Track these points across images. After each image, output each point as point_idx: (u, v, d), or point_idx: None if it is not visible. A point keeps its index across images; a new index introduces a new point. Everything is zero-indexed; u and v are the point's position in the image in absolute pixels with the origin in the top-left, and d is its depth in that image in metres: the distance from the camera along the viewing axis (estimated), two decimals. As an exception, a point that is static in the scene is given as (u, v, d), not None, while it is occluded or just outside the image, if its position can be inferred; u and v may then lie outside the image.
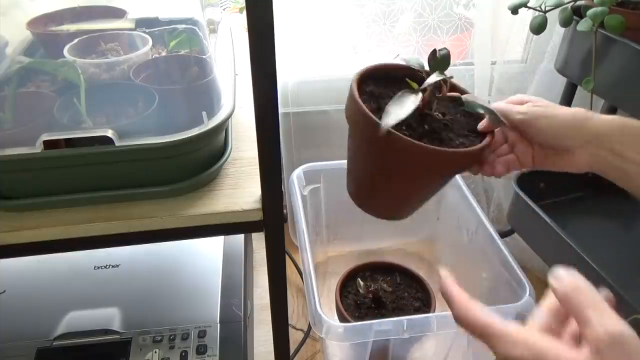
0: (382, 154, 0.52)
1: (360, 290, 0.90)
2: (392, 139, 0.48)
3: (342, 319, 0.86)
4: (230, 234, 0.90)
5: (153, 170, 0.58)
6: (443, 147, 0.51)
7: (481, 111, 0.55)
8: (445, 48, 0.56)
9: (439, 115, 0.55)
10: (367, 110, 0.50)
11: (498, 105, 0.58)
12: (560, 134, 0.55)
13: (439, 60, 0.54)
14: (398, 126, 0.49)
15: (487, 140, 0.54)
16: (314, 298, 0.78)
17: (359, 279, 0.91)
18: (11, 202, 0.57)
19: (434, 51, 0.56)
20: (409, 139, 0.49)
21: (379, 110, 0.51)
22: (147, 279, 0.86)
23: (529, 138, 0.58)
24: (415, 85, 0.52)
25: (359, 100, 0.51)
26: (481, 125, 0.56)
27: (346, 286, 0.92)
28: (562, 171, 0.58)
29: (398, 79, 0.57)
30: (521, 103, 0.58)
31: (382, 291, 0.90)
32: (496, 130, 0.57)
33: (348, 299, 0.90)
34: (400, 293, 0.91)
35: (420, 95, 0.50)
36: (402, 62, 0.57)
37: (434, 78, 0.51)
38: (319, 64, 1.22)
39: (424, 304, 0.89)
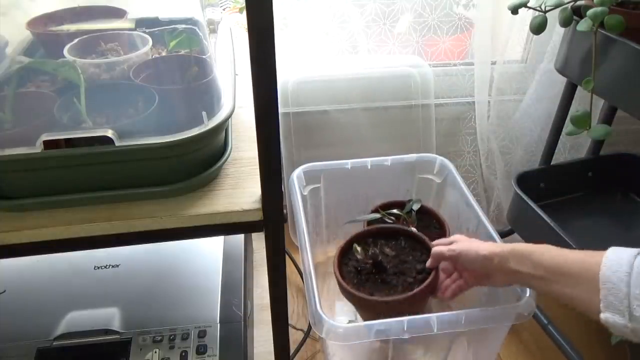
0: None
1: (358, 256, 0.86)
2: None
3: (341, 288, 0.83)
4: (230, 234, 0.90)
5: (153, 170, 0.58)
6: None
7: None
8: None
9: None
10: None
11: (436, 249, 0.81)
12: (478, 266, 0.75)
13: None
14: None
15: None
16: (314, 298, 0.78)
17: (355, 245, 0.87)
18: (11, 202, 0.57)
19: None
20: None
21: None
22: (147, 279, 0.86)
23: (462, 268, 0.80)
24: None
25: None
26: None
27: (347, 254, 0.89)
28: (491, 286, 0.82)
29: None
30: (450, 243, 0.81)
31: (383, 255, 0.86)
32: (447, 262, 0.82)
33: (348, 266, 0.87)
34: (404, 257, 0.87)
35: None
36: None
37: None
38: (319, 64, 1.22)
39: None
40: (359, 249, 0.86)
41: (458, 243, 0.79)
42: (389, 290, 0.82)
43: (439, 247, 0.82)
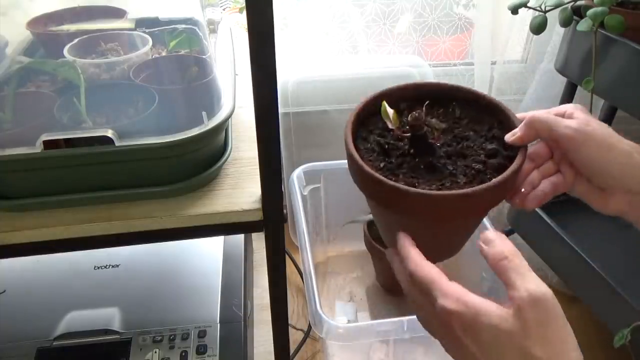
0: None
1: (389, 125, 0.48)
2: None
3: (359, 172, 0.45)
4: (230, 234, 0.90)
5: (153, 170, 0.58)
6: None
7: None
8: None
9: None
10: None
11: (540, 114, 0.47)
12: (607, 170, 0.46)
13: None
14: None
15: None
16: (314, 298, 0.78)
17: (385, 103, 0.48)
18: (11, 202, 0.57)
19: None
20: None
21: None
22: (147, 279, 0.86)
23: (570, 160, 0.47)
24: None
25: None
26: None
27: (367, 124, 0.51)
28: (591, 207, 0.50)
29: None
30: (566, 115, 0.48)
31: (429, 128, 0.48)
32: (540, 143, 0.48)
33: (368, 141, 0.50)
34: (460, 131, 0.50)
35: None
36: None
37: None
38: (319, 64, 1.22)
39: (504, 147, 0.47)
40: (390, 111, 0.48)
41: (584, 123, 0.46)
42: (442, 181, 0.46)
43: (548, 115, 0.47)
